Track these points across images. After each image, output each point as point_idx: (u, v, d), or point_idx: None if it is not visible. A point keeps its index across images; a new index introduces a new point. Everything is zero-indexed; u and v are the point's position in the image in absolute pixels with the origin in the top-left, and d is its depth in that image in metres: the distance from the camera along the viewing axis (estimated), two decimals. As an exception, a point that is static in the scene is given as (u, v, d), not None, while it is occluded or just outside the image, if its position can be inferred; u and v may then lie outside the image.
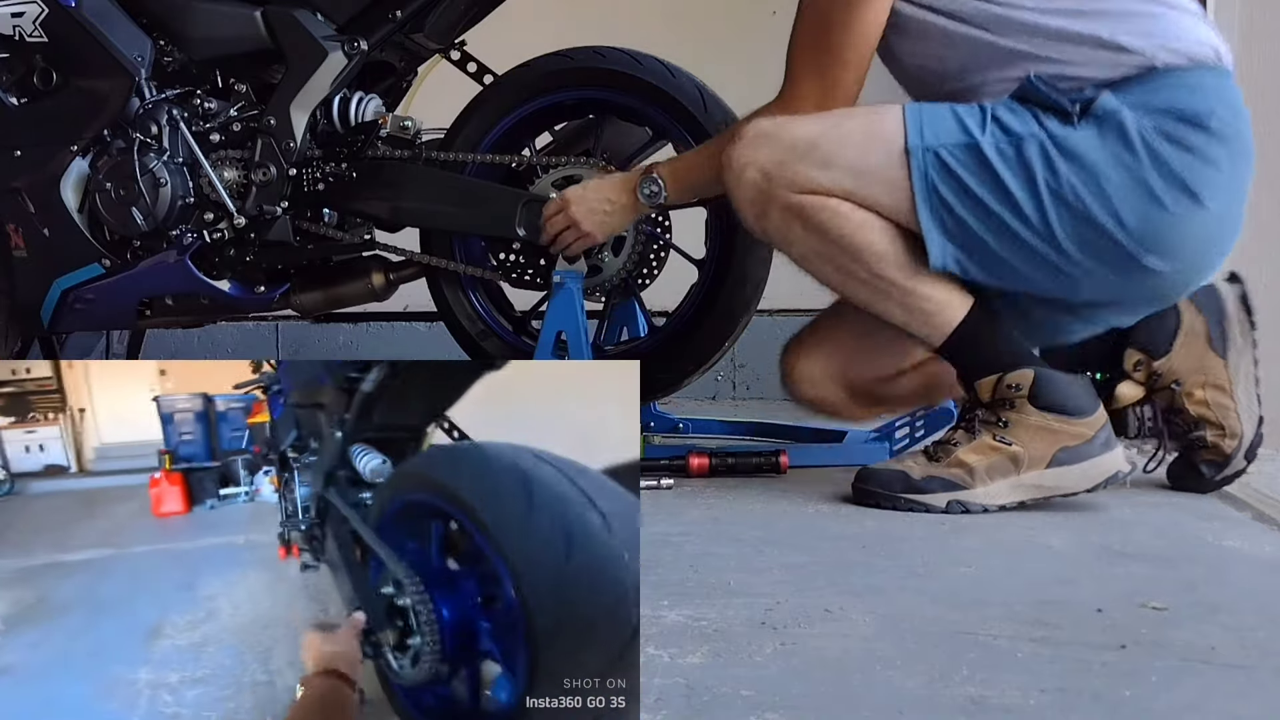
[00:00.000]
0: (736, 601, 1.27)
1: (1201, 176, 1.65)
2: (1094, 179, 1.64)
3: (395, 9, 2.11)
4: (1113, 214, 1.65)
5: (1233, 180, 1.69)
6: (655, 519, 1.66)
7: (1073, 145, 1.65)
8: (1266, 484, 2.04)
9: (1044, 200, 1.65)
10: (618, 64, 2.15)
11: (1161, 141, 1.64)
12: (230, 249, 2.17)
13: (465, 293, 2.24)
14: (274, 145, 2.13)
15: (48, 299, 2.22)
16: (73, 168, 2.17)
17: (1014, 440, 1.72)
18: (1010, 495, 1.73)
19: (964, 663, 1.07)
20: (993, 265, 1.71)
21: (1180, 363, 1.89)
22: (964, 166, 1.67)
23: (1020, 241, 1.68)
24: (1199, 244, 1.70)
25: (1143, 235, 1.66)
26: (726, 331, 2.19)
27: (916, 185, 1.68)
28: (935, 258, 1.71)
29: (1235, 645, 1.13)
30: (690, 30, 3.26)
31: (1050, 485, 1.73)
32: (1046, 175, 1.65)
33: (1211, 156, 1.65)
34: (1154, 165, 1.64)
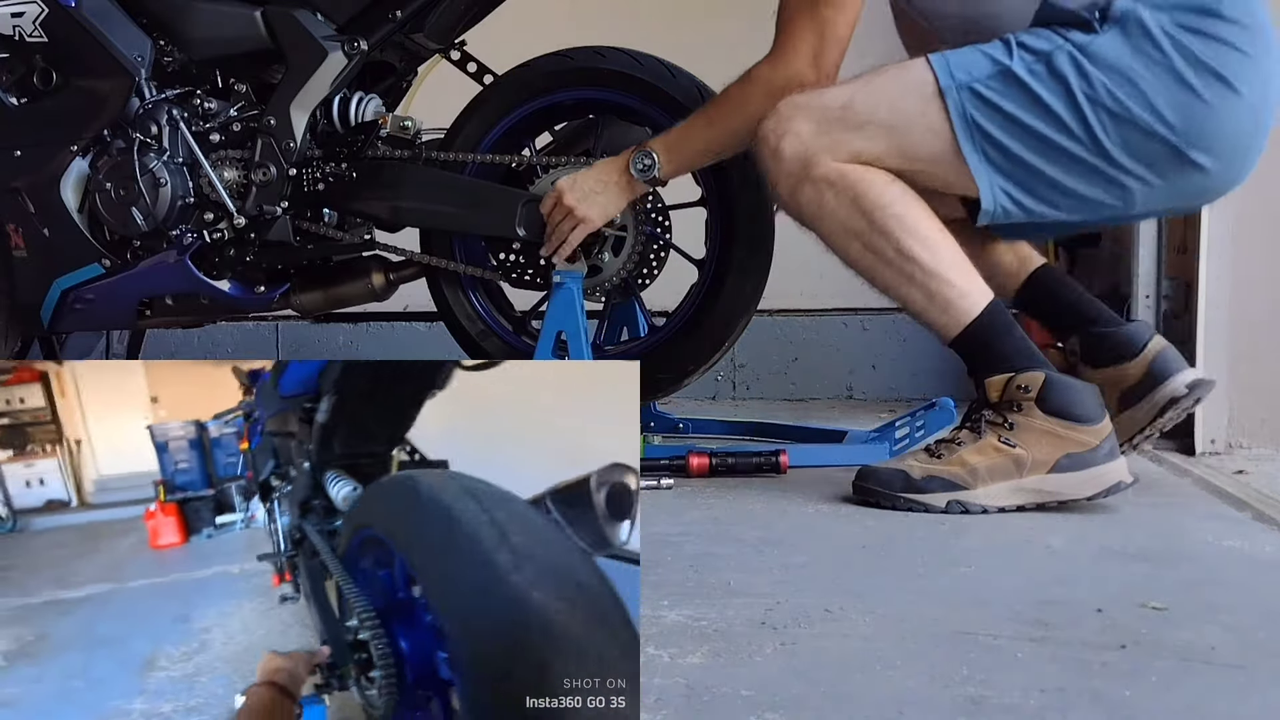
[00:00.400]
0: (736, 601, 1.27)
1: (1230, 62, 1.66)
2: (1128, 80, 1.66)
3: (395, 9, 2.11)
4: (1154, 111, 1.66)
5: (1261, 66, 1.69)
6: (655, 519, 1.66)
7: (1099, 50, 1.66)
8: (1266, 484, 2.04)
9: (1084, 110, 1.67)
10: (617, 64, 2.15)
11: (1183, 33, 1.65)
12: (230, 249, 2.17)
13: (465, 293, 2.25)
14: (274, 145, 2.13)
15: (48, 299, 2.22)
16: (73, 168, 2.17)
17: (1019, 443, 1.72)
18: (1010, 498, 1.73)
19: (964, 663, 1.07)
20: (1046, 191, 1.71)
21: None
22: (1000, 94, 1.68)
23: (1070, 157, 1.69)
24: (1239, 134, 1.70)
25: (1186, 129, 1.67)
26: (726, 331, 2.19)
27: (956, 124, 1.69)
28: (986, 198, 1.72)
29: (1235, 645, 1.13)
30: (690, 30, 3.26)
31: (1051, 490, 1.73)
32: (1081, 84, 1.66)
33: (1235, 42, 1.67)
34: (1182, 57, 1.65)
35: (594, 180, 1.97)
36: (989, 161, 1.71)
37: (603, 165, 1.99)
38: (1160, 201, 1.76)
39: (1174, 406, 1.90)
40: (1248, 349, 2.41)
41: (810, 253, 1.89)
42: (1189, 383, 1.90)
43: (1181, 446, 2.36)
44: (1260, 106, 1.70)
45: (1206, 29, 1.66)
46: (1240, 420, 2.43)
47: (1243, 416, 2.43)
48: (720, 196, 2.14)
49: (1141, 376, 1.90)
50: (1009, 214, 1.74)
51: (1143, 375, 1.90)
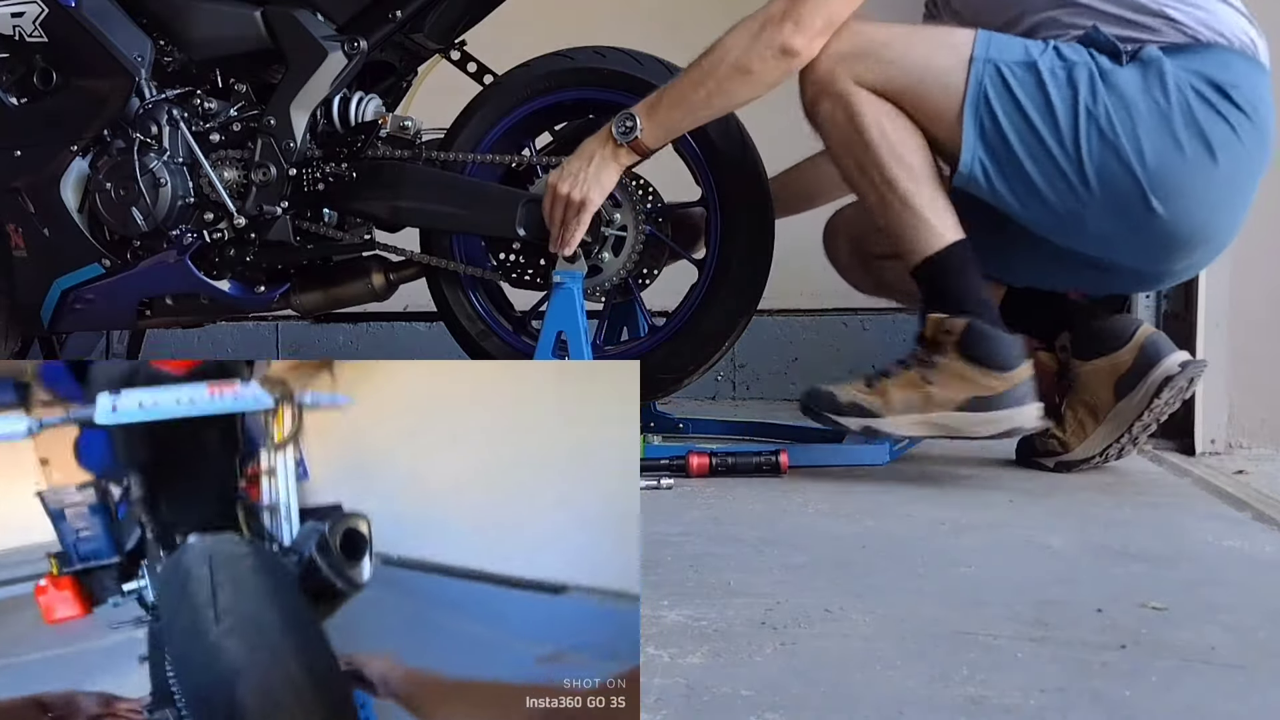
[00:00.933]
0: (736, 601, 1.27)
1: (1220, 135, 1.79)
2: (1128, 111, 1.79)
3: (395, 9, 2.11)
4: (1137, 147, 1.79)
5: (1247, 152, 1.82)
6: (655, 519, 1.66)
7: (1117, 79, 1.80)
8: (1266, 484, 2.04)
9: (1080, 121, 1.79)
10: (618, 64, 2.15)
11: (1193, 95, 1.79)
12: (230, 249, 2.16)
13: (465, 293, 2.24)
14: (274, 145, 2.13)
15: (48, 299, 2.22)
16: (73, 168, 2.17)
17: (935, 381, 1.85)
18: (915, 430, 1.88)
19: (964, 663, 1.07)
20: (1016, 180, 1.83)
21: (1088, 376, 2.00)
22: (1018, 81, 1.81)
23: (1050, 158, 1.81)
24: (1203, 199, 1.82)
25: (1156, 174, 1.79)
26: (726, 331, 2.19)
27: (970, 89, 1.82)
28: (965, 160, 1.83)
29: (1235, 645, 1.13)
30: (690, 30, 3.25)
31: (954, 427, 1.85)
32: (1088, 97, 1.79)
33: (1232, 123, 1.80)
34: (1182, 113, 1.79)
35: (579, 160, 1.97)
36: (981, 132, 1.82)
37: (586, 144, 1.98)
38: (1108, 237, 1.85)
39: (1168, 386, 1.94)
40: (1248, 349, 2.41)
41: (811, 253, 1.90)
42: (1181, 362, 1.96)
43: (1181, 446, 2.36)
44: (1231, 182, 1.83)
45: (1213, 102, 1.79)
46: (1240, 420, 2.43)
47: (1243, 416, 2.43)
48: (720, 196, 2.14)
49: (1133, 362, 1.96)
50: (978, 184, 1.85)
51: (1134, 360, 1.96)
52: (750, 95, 1.91)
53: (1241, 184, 1.85)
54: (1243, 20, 1.88)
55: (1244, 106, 1.80)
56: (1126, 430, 1.98)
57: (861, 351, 3.24)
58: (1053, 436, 2.04)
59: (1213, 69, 1.81)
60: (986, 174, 1.84)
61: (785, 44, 1.84)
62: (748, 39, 1.86)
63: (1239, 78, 1.81)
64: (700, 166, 2.13)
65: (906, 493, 1.88)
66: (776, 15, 1.85)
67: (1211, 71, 1.80)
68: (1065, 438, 2.02)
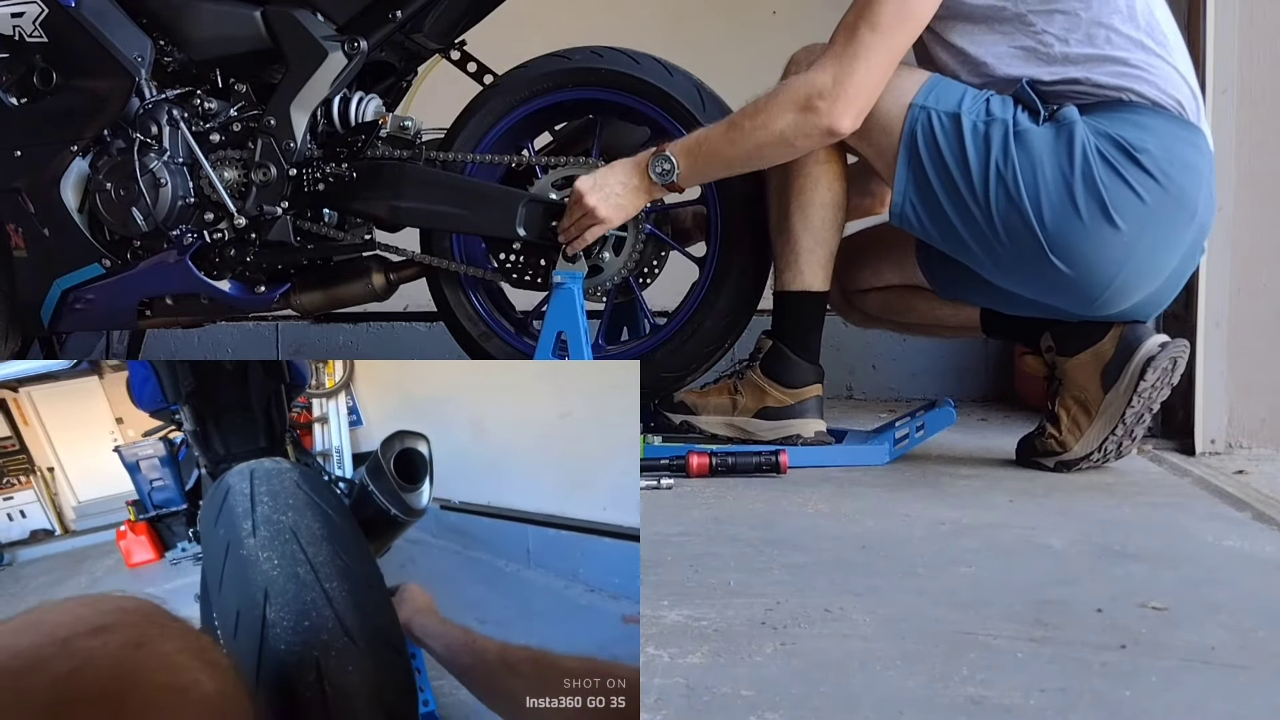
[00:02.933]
0: (736, 601, 1.27)
1: (1121, 199, 1.85)
2: (1033, 173, 1.86)
3: (395, 9, 2.11)
4: (1037, 210, 1.86)
5: (1154, 215, 1.86)
6: (655, 519, 1.66)
7: (1029, 138, 1.87)
8: (1266, 484, 2.04)
9: (990, 179, 1.88)
10: (615, 64, 2.15)
11: (1098, 159, 1.85)
12: (230, 249, 2.17)
13: (466, 293, 2.24)
14: (274, 145, 2.13)
15: (48, 299, 2.22)
16: (73, 168, 2.17)
17: (742, 390, 2.15)
18: (721, 429, 2.16)
19: (964, 663, 1.07)
20: (939, 223, 1.93)
21: (1074, 371, 2.04)
22: (942, 131, 1.90)
23: (965, 207, 1.90)
24: (1103, 261, 1.87)
25: (1054, 235, 1.86)
26: (727, 331, 2.19)
27: (905, 134, 1.92)
28: (895, 201, 1.95)
29: (1235, 645, 1.13)
30: (690, 30, 3.26)
31: (749, 431, 2.14)
32: (999, 155, 1.87)
33: (1137, 187, 1.85)
34: (1083, 178, 1.84)
35: (616, 183, 2.02)
36: (911, 173, 1.93)
37: (624, 167, 2.03)
38: (1030, 284, 1.94)
39: (1151, 367, 1.97)
40: (1248, 349, 2.41)
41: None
42: (1160, 342, 1.99)
43: (1181, 446, 2.36)
44: (1135, 245, 1.87)
45: (1119, 165, 1.84)
46: (1240, 420, 2.43)
47: (1243, 416, 2.43)
48: (721, 194, 2.15)
49: (1115, 350, 2.01)
50: (909, 222, 1.96)
51: (1115, 348, 2.01)
52: (787, 160, 2.01)
53: (1151, 245, 1.87)
54: (1175, 77, 1.90)
55: (1152, 170, 1.84)
56: (1120, 420, 1.99)
57: (861, 350, 3.24)
58: (1050, 437, 2.05)
59: (1127, 130, 1.84)
60: (916, 213, 1.94)
61: (832, 127, 1.91)
62: (794, 114, 1.91)
63: (1151, 140, 1.84)
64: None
65: (906, 493, 1.88)
66: (823, 92, 1.89)
67: (1125, 133, 1.84)
68: (1062, 437, 2.03)
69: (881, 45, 1.88)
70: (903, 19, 1.88)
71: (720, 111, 2.12)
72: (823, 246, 2.06)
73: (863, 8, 1.88)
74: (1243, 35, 2.35)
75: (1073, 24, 1.90)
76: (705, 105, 2.12)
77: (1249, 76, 1.87)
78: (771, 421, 2.12)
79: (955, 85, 1.94)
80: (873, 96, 1.91)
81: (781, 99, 1.92)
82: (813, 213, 2.05)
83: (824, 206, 2.05)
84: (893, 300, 2.21)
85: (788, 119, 1.91)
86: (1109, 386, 2.00)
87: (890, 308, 2.23)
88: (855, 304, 2.27)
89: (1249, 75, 1.89)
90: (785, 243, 2.07)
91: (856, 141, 1.98)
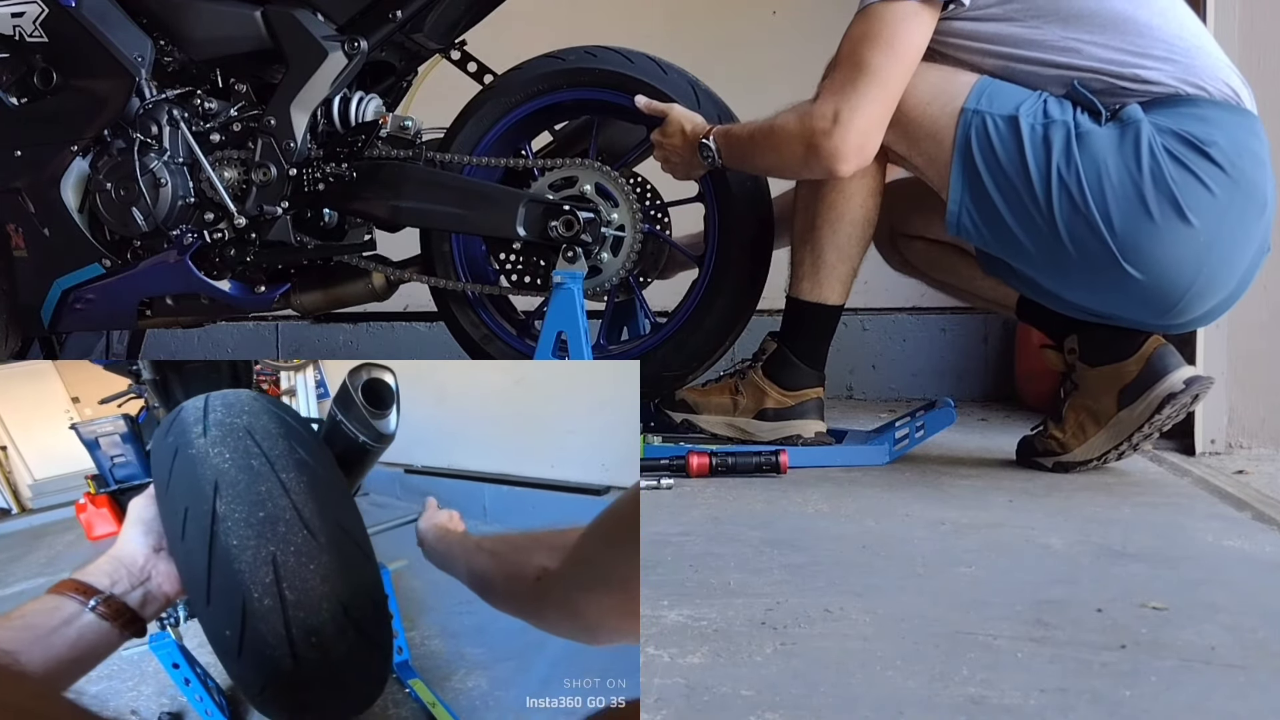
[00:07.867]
0: (736, 601, 1.27)
1: (1194, 196, 1.77)
2: (1098, 176, 1.77)
3: (395, 9, 2.11)
4: (1105, 214, 1.78)
5: (1226, 209, 1.78)
6: (655, 519, 1.66)
7: (1092, 140, 1.79)
8: (1266, 484, 2.04)
9: (1052, 184, 1.80)
10: (609, 63, 2.15)
11: (1165, 156, 1.76)
12: (230, 249, 2.17)
13: (467, 297, 2.24)
14: (274, 145, 2.13)
15: (48, 299, 2.22)
16: (73, 168, 2.17)
17: (743, 390, 2.16)
18: (722, 429, 2.18)
19: (964, 663, 1.07)
20: (999, 233, 1.86)
21: (1093, 380, 2.00)
22: (999, 136, 1.83)
23: (1026, 215, 1.82)
24: (1180, 262, 1.79)
25: (1126, 240, 1.78)
26: (727, 330, 2.19)
27: (959, 140, 1.86)
28: (951, 210, 1.88)
29: (1235, 645, 1.13)
30: (690, 30, 3.26)
31: (750, 432, 2.16)
32: (1061, 160, 1.79)
33: (1207, 180, 1.76)
34: (1153, 177, 1.76)
35: (675, 146, 2.07)
36: (967, 182, 1.86)
37: (687, 136, 2.05)
38: (1095, 292, 1.87)
39: (1171, 403, 1.93)
40: (1248, 349, 2.41)
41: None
42: (1186, 379, 1.95)
43: (1181, 446, 2.36)
44: (1212, 242, 1.79)
45: (1188, 160, 1.77)
46: (1240, 420, 2.43)
47: (1243, 416, 2.43)
48: (719, 193, 2.15)
49: (1139, 373, 1.96)
50: (967, 232, 1.90)
51: (1140, 372, 1.96)
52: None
53: (1227, 240, 1.80)
54: (1224, 69, 1.85)
55: (1221, 162, 1.77)
56: (1126, 439, 1.97)
57: (861, 350, 3.24)
58: (1052, 437, 2.04)
59: (1192, 125, 1.78)
60: (974, 223, 1.88)
61: (831, 171, 1.89)
62: (801, 148, 1.88)
63: (1218, 132, 1.78)
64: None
65: (906, 493, 1.88)
66: (827, 130, 1.85)
67: (1190, 128, 1.77)
68: (1065, 439, 2.02)
69: (876, 85, 1.84)
70: (896, 58, 1.84)
71: (715, 108, 2.12)
72: (846, 263, 2.05)
73: (856, 41, 1.85)
74: (1244, 42, 2.35)
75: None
76: (700, 103, 2.12)
77: (1250, 82, 1.87)
78: (771, 422, 2.13)
79: (1007, 87, 1.86)
80: (877, 130, 1.87)
81: (792, 129, 1.89)
82: (841, 228, 2.02)
83: (854, 224, 2.02)
84: (937, 256, 2.17)
85: (796, 151, 1.89)
86: (1124, 405, 1.97)
87: (933, 263, 2.19)
88: (899, 247, 2.22)
89: (1250, 80, 1.89)
90: (809, 252, 2.05)
91: (906, 151, 1.92)
